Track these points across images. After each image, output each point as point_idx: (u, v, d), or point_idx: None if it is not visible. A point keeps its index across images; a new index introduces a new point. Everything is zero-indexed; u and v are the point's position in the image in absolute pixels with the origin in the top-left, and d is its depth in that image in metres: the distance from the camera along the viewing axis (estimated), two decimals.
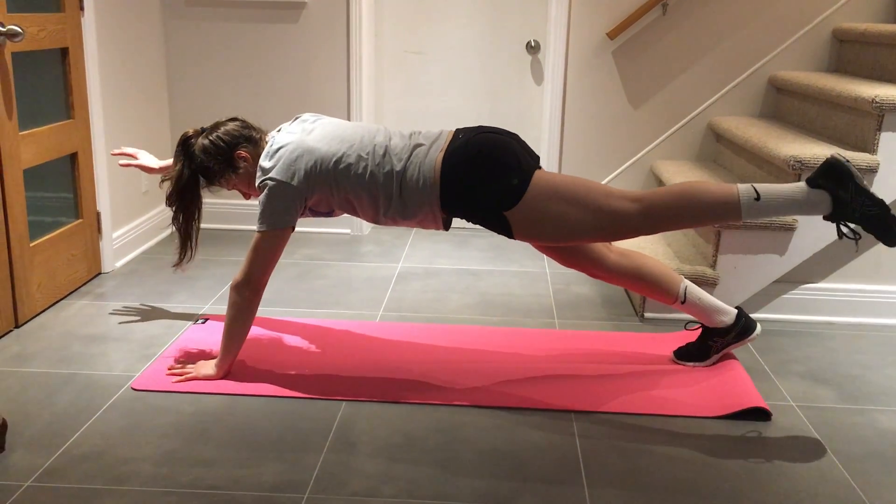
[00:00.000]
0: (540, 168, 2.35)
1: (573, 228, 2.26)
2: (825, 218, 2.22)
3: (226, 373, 2.49)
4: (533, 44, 4.03)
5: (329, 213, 2.48)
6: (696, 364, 2.62)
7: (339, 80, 4.00)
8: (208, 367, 2.49)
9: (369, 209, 2.39)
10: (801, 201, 2.19)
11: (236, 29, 3.98)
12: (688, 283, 2.57)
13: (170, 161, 2.74)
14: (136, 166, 2.85)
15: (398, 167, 2.32)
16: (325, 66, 3.99)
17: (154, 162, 2.84)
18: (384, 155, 2.33)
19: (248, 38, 3.99)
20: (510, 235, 2.33)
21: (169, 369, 2.51)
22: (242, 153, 2.46)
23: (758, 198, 2.19)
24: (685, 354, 2.64)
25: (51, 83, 3.12)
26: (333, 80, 4.00)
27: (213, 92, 4.06)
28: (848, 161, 2.17)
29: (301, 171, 2.33)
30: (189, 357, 2.62)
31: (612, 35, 3.80)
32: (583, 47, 3.91)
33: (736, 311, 2.57)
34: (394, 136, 2.39)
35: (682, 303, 2.56)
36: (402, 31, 4.09)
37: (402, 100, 4.17)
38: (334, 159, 2.34)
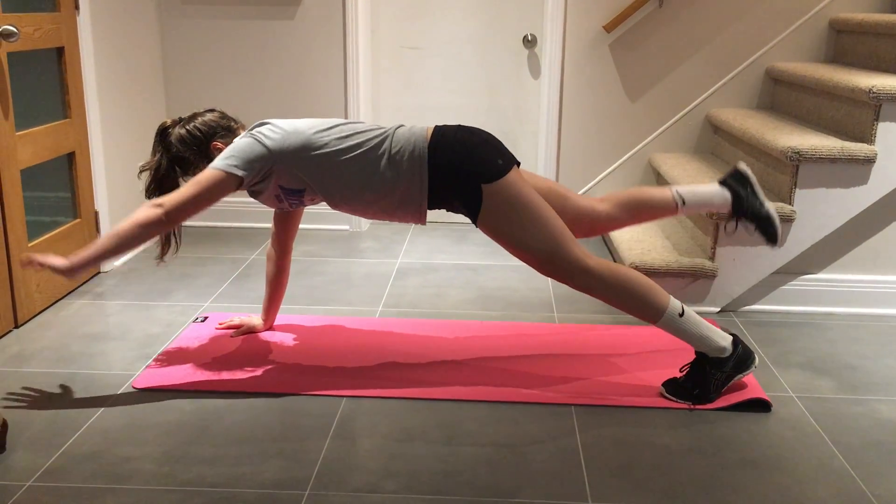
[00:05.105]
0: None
1: (527, 244, 2.31)
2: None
3: (74, 268, 2.21)
4: (530, 38, 4.02)
5: (300, 193, 2.38)
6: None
7: (336, 76, 4.00)
8: (59, 258, 2.25)
9: (352, 178, 2.33)
10: (704, 336, 2.32)
11: (232, 26, 3.97)
12: (675, 186, 2.56)
13: (253, 319, 2.82)
14: (244, 332, 2.82)
15: (379, 133, 2.36)
16: (321, 62, 3.99)
17: (258, 322, 2.83)
18: (362, 128, 2.38)
19: (244, 35, 3.98)
20: (476, 214, 2.32)
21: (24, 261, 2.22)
22: (219, 144, 2.45)
23: (682, 313, 2.32)
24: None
25: (47, 83, 3.11)
26: (330, 76, 4.00)
27: (210, 89, 4.06)
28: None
29: (275, 135, 2.33)
30: (187, 355, 2.63)
31: (608, 28, 3.79)
32: (580, 41, 3.90)
33: None
34: (365, 122, 2.47)
35: (684, 204, 2.54)
36: (398, 26, 4.08)
37: (399, 95, 4.17)
38: (313, 130, 2.35)
